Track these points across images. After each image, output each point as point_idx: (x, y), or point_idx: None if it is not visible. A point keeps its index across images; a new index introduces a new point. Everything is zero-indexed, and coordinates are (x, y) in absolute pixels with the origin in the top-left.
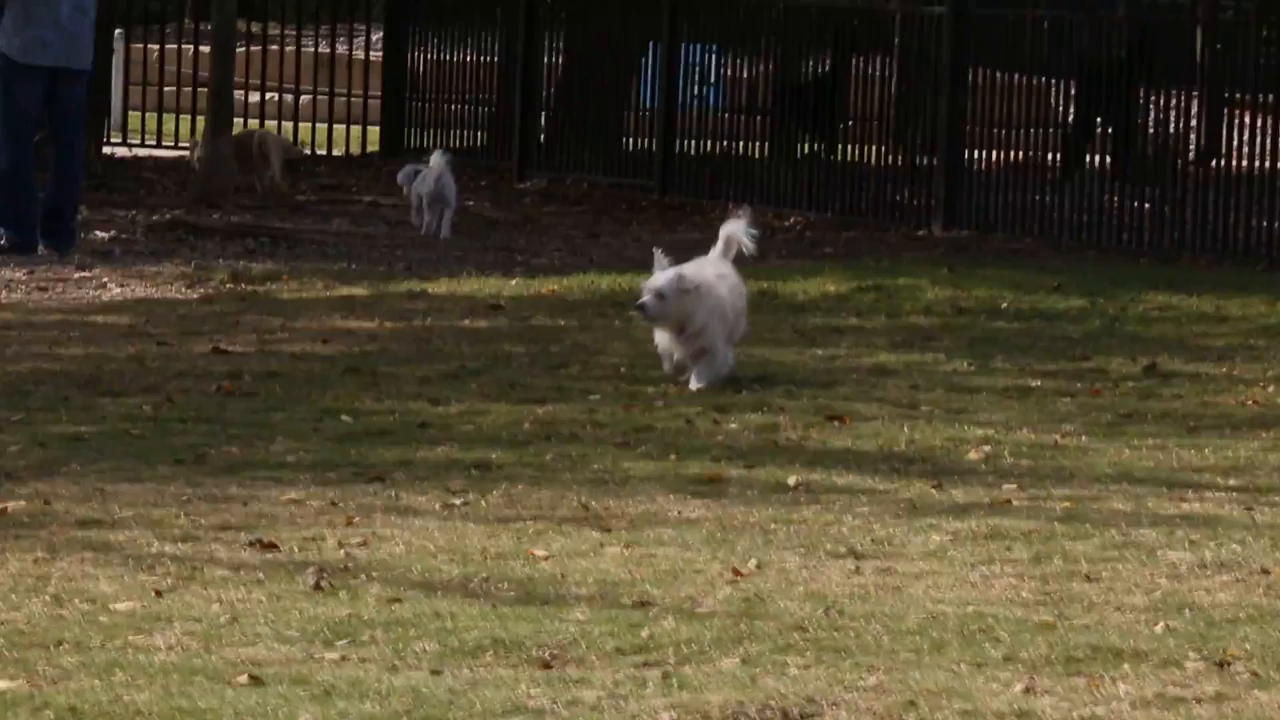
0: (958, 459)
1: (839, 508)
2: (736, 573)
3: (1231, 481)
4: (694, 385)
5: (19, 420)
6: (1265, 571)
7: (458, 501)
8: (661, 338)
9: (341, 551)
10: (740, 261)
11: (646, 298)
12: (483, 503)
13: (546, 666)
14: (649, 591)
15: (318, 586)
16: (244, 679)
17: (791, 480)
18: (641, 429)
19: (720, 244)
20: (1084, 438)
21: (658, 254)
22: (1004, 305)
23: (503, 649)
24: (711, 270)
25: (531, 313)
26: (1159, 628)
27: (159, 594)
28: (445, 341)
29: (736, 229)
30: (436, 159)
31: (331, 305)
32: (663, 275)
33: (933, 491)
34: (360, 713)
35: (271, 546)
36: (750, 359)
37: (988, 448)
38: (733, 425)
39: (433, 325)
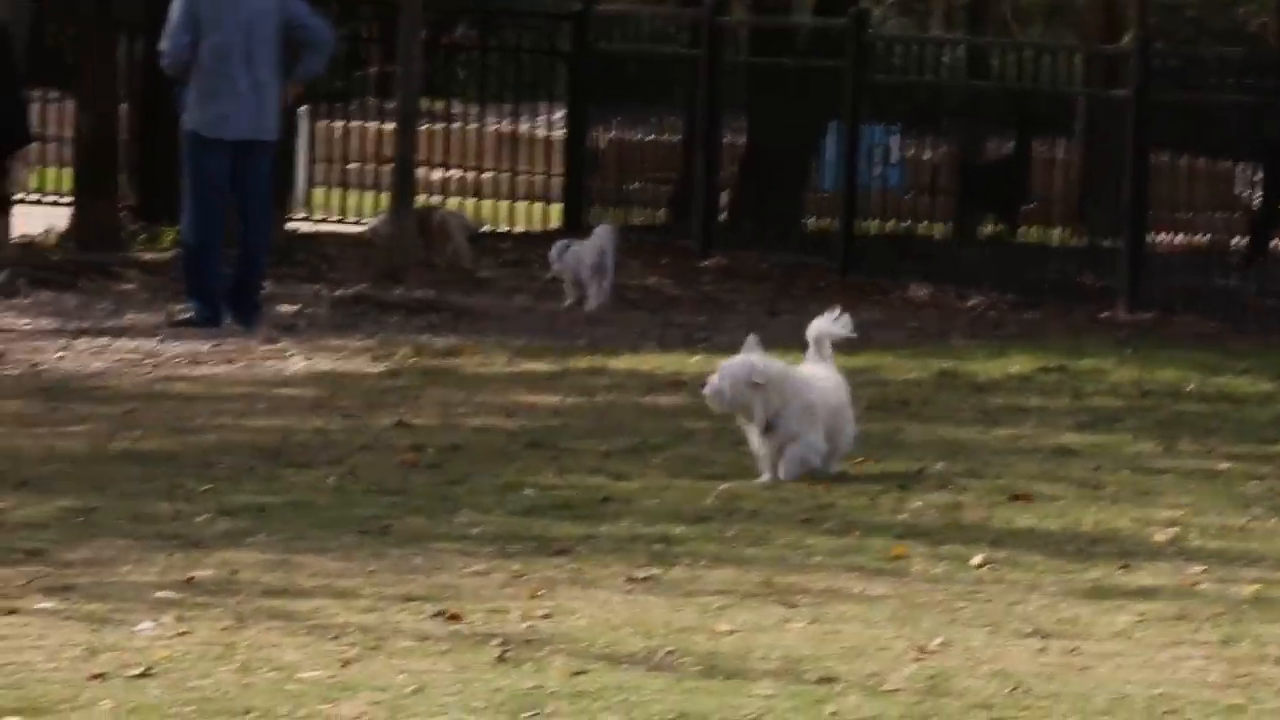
0: (1144, 540)
1: (1024, 587)
2: (921, 650)
3: None
4: (780, 475)
5: (206, 490)
6: None
7: (641, 575)
8: (748, 429)
9: (526, 623)
10: (921, 342)
11: (713, 381)
12: (666, 577)
13: None
14: (833, 668)
15: (503, 658)
16: None
17: (976, 559)
18: (824, 506)
19: (811, 346)
20: (1272, 520)
21: (751, 340)
22: (1190, 388)
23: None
24: (805, 368)
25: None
26: None
27: (345, 663)
28: (627, 417)
29: (822, 327)
30: (601, 229)
31: (514, 380)
32: (734, 361)
33: (1119, 572)
34: None
35: (456, 618)
36: (933, 438)
37: (1175, 529)
38: (916, 503)
39: (614, 400)
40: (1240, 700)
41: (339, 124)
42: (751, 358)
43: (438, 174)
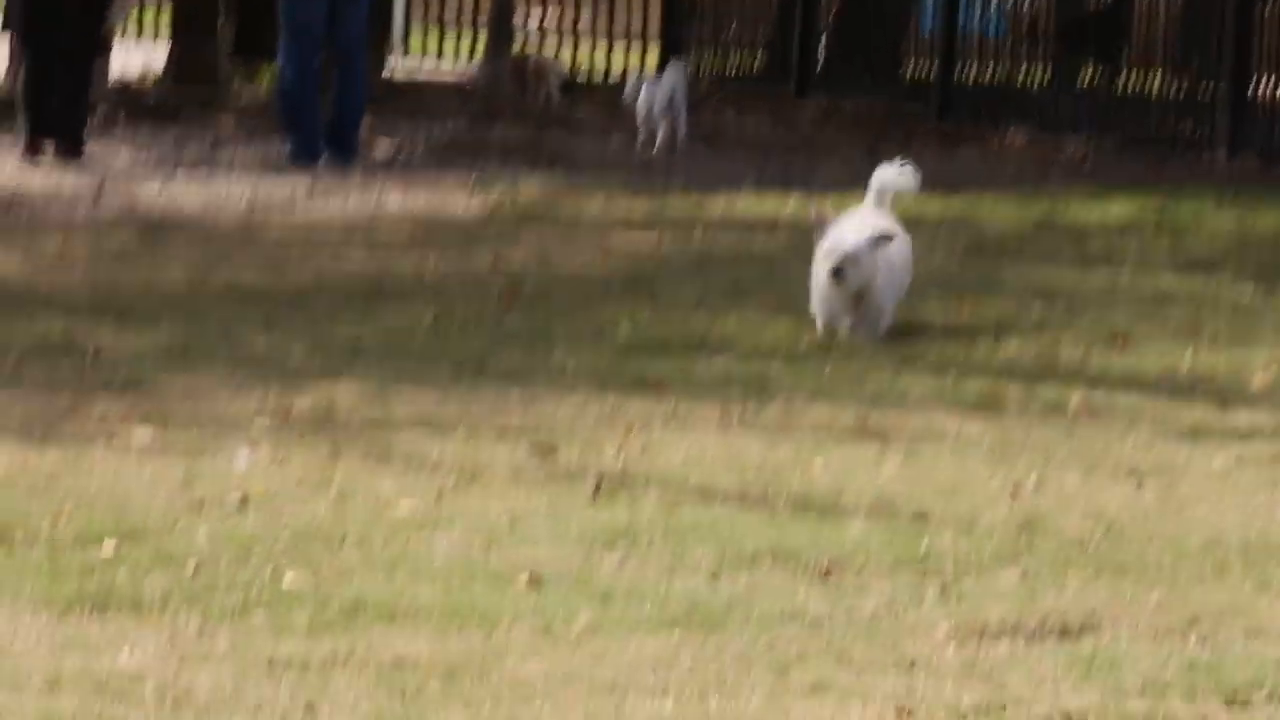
0: (1242, 383)
1: (1120, 428)
2: (1016, 489)
3: None
4: (861, 337)
5: (302, 325)
6: None
7: (735, 413)
8: (826, 298)
9: (620, 459)
10: (1019, 187)
11: (842, 264)
12: (760, 415)
13: (825, 575)
14: (927, 506)
15: (597, 493)
16: (524, 580)
17: (1072, 400)
18: (921, 347)
19: (872, 194)
20: None
21: (816, 209)
22: None
23: (780, 558)
24: (883, 223)
25: (809, 231)
26: None
27: (440, 496)
28: (724, 257)
29: (887, 177)
30: (672, 67)
31: (610, 221)
32: (854, 236)
33: (1216, 414)
34: (638, 616)
35: (551, 452)
36: (1030, 282)
37: (1273, 371)
38: (1013, 346)
39: (712, 241)
40: None
41: None
42: (862, 224)
43: (534, 18)
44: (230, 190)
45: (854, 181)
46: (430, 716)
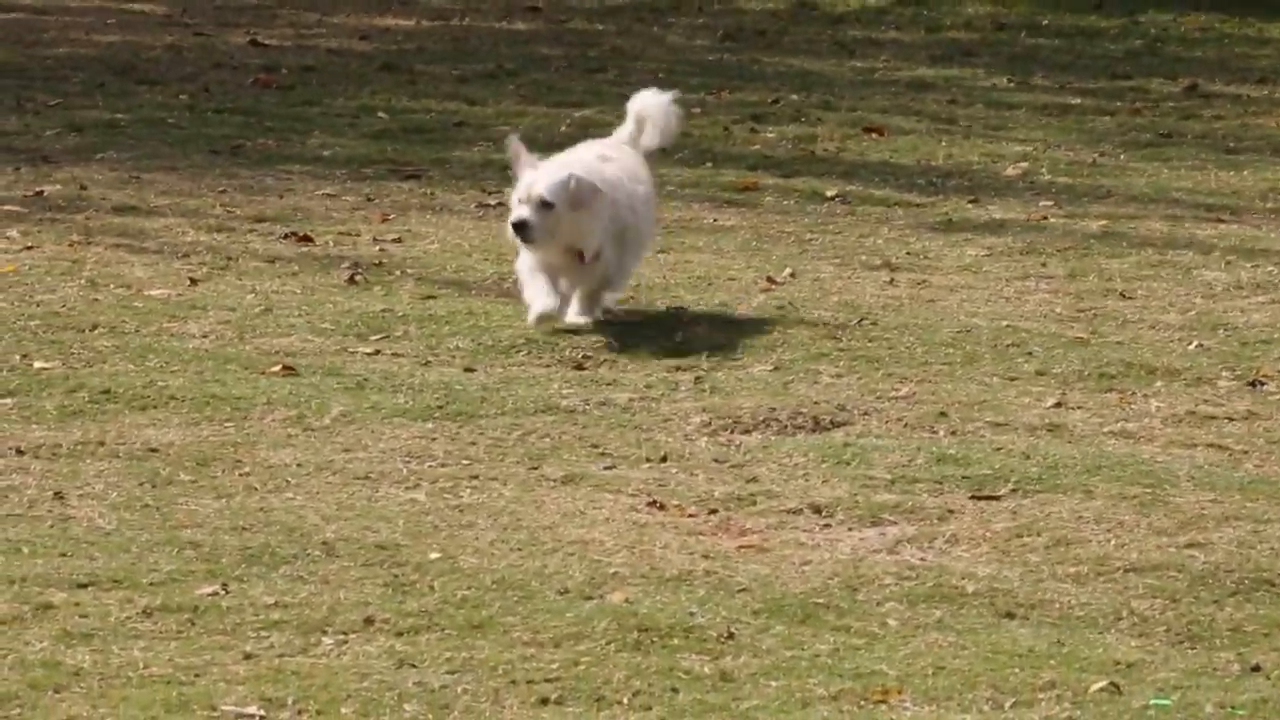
0: (995, 175)
1: (875, 220)
2: (771, 281)
3: (1269, 204)
4: (577, 318)
5: (56, 105)
6: None
7: (492, 202)
8: (537, 258)
9: (376, 247)
10: None
11: (526, 212)
12: None
13: (579, 368)
14: (683, 297)
15: (352, 281)
16: (277, 368)
17: (828, 191)
18: (678, 137)
19: (630, 124)
20: (1122, 156)
21: (515, 141)
22: (1045, 22)
23: (535, 349)
24: (613, 166)
25: (569, 16)
26: (1192, 346)
27: (194, 282)
28: (482, 42)
29: (649, 104)
30: None
31: (368, 1)
32: (546, 175)
33: (969, 206)
34: (393, 405)
35: (307, 240)
36: (788, 70)
37: (1025, 164)
38: (770, 134)
39: (470, 25)
40: (1083, 333)
41: None
42: (561, 163)
43: None
44: None
45: None
46: (181, 504)
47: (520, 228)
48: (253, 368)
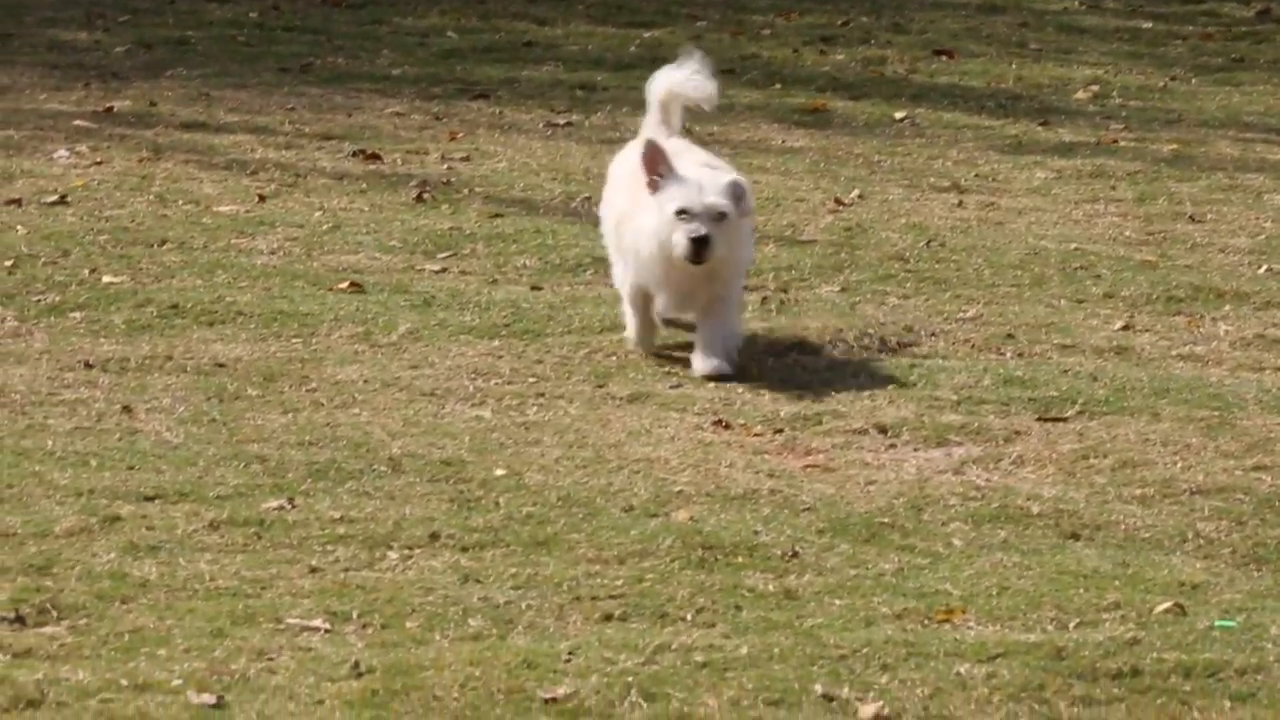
0: (1065, 98)
1: (944, 142)
2: (839, 202)
3: None
4: (706, 369)
5: (125, 21)
6: None
7: (561, 121)
8: (674, 286)
9: (445, 165)
10: None
11: (703, 227)
12: (586, 123)
13: None
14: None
15: (420, 199)
16: (345, 285)
17: (897, 114)
18: (748, 57)
19: (655, 111)
20: (1193, 80)
21: (654, 144)
22: None
23: (602, 268)
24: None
25: None
26: (1261, 270)
27: (262, 199)
28: None
29: (676, 80)
30: None
31: None
32: (713, 182)
33: (1039, 129)
34: (459, 323)
35: (375, 158)
36: None
37: (1096, 87)
38: (839, 56)
39: None
40: (1152, 257)
41: None
42: (708, 168)
43: None
44: None
45: None
46: (248, 419)
47: (701, 244)
48: (320, 284)
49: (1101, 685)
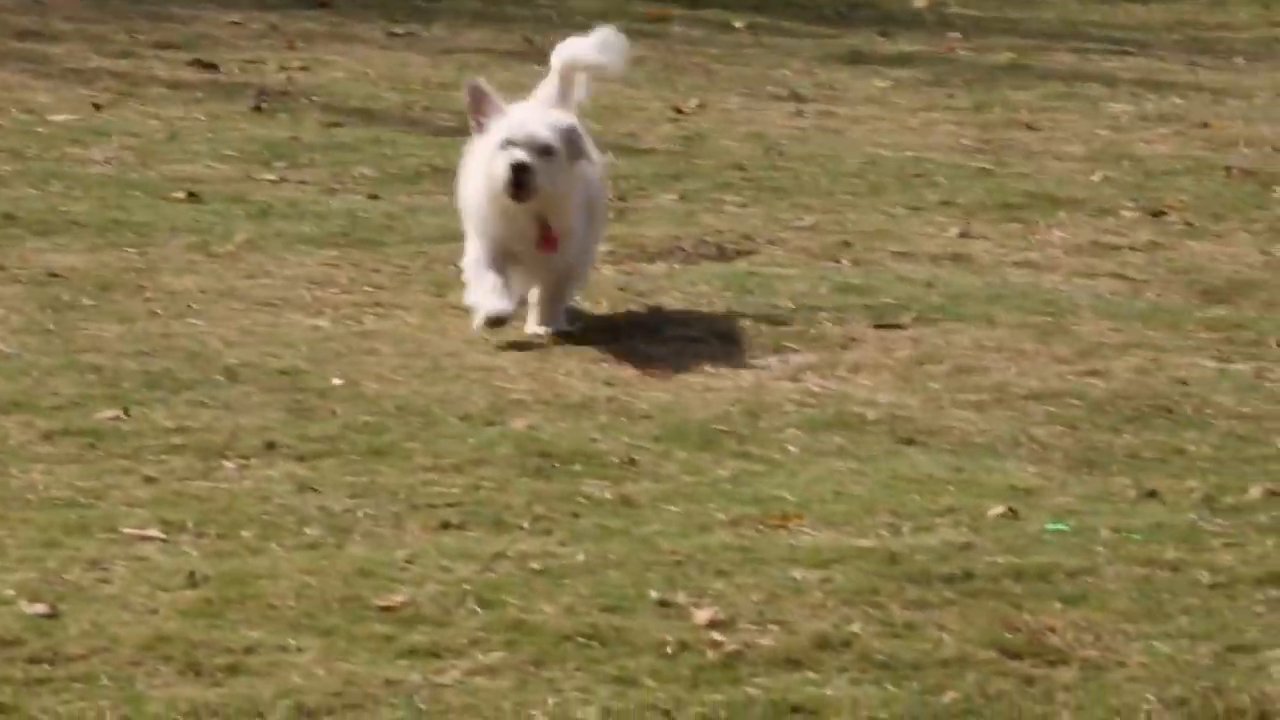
0: (903, 6)
1: (783, 51)
2: (678, 110)
3: (1176, 36)
4: (539, 328)
5: None
6: (1204, 125)
7: (400, 30)
8: (495, 241)
9: (283, 75)
10: None
11: (526, 155)
12: (425, 33)
13: None
14: (591, 127)
15: (258, 108)
16: (181, 195)
17: (737, 22)
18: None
19: (556, 80)
20: None
21: (477, 84)
22: None
23: (440, 178)
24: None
25: None
26: (1096, 177)
27: (97, 108)
28: None
29: (579, 50)
30: None
31: None
32: (543, 118)
33: (877, 39)
34: (297, 233)
35: (212, 67)
36: None
37: None
38: None
39: None
40: (988, 165)
41: None
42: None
43: None
44: None
45: None
46: (82, 329)
47: (521, 171)
48: (156, 194)
49: (935, 589)
